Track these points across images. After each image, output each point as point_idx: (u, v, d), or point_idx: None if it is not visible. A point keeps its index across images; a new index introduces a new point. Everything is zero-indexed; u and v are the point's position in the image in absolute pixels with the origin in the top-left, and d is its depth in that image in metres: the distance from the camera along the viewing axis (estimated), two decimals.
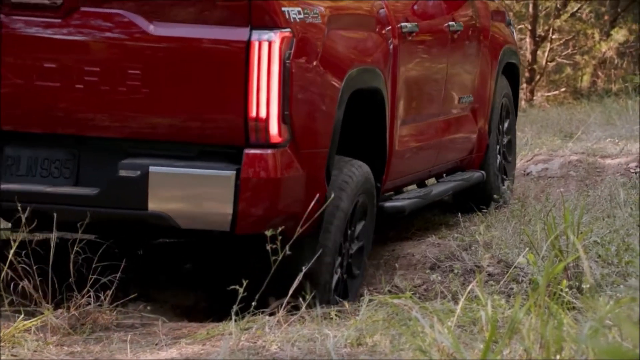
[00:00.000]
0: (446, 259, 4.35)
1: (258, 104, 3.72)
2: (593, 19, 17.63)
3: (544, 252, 3.70)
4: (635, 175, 5.82)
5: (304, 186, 3.87)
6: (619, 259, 3.66)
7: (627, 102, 11.29)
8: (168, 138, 3.80)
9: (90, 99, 3.82)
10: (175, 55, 3.77)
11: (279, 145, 3.75)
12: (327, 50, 3.99)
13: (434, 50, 5.11)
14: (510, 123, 6.15)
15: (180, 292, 4.31)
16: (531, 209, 5.06)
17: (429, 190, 5.12)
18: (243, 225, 3.74)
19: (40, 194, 3.80)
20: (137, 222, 3.81)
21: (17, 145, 3.89)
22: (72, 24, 3.84)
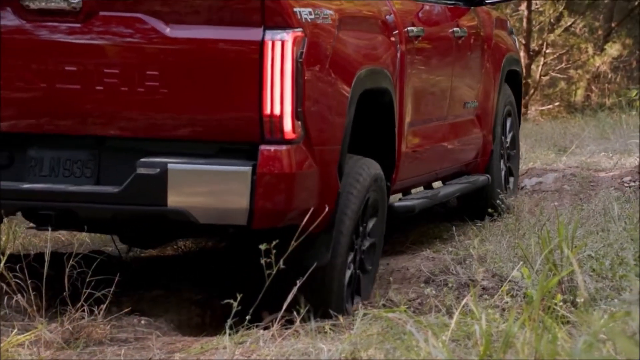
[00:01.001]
0: (440, 272, 4.34)
1: (272, 101, 3.84)
2: (587, 33, 17.69)
3: (538, 266, 3.70)
4: (629, 189, 5.83)
5: (317, 182, 3.99)
6: (613, 273, 3.66)
7: (621, 116, 11.31)
8: (186, 137, 3.93)
9: (110, 100, 3.95)
10: (191, 56, 3.90)
11: (293, 142, 3.87)
12: (338, 50, 4.13)
13: (440, 55, 5.27)
14: (514, 132, 6.31)
15: (174, 306, 4.30)
16: (525, 223, 5.07)
17: (437, 192, 5.30)
18: (259, 220, 3.83)
19: (63, 193, 3.90)
20: (157, 218, 3.90)
21: (39, 147, 4.01)
22: (91, 29, 3.96)
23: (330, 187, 4.08)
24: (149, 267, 5.04)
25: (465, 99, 5.64)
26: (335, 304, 4.14)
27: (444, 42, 5.32)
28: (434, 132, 5.27)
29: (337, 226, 4.10)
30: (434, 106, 5.24)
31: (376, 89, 4.44)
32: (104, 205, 3.89)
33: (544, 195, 6.00)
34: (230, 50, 3.89)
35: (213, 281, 4.60)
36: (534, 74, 17.44)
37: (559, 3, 17.10)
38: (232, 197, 3.81)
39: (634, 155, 8.02)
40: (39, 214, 3.94)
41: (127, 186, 3.86)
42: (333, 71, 4.10)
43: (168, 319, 4.08)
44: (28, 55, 4.01)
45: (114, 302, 3.89)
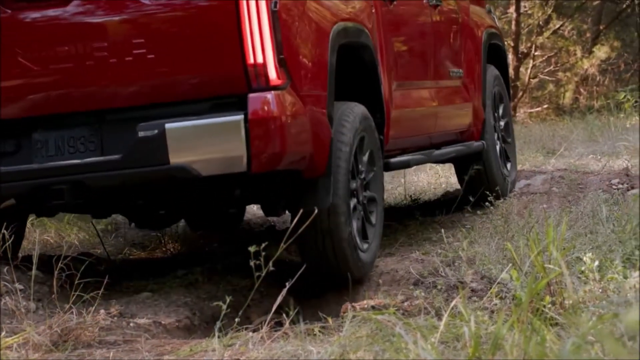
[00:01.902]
0: (430, 274, 4.35)
1: (254, 50, 4.06)
2: (575, 36, 17.74)
3: (527, 268, 3.71)
4: (617, 192, 5.85)
5: (308, 126, 4.22)
6: (601, 275, 3.67)
7: (609, 118, 11.35)
8: (179, 98, 4.12)
9: (103, 74, 4.14)
10: (172, 20, 4.12)
11: (280, 88, 4.09)
12: (313, 2, 4.38)
13: (415, 19, 5.52)
14: (505, 107, 6.52)
15: (163, 308, 4.29)
16: (514, 225, 5.08)
17: (432, 151, 5.53)
18: (258, 164, 4.04)
19: (72, 166, 4.12)
20: (161, 177, 4.08)
21: (43, 130, 4.20)
22: (75, 9, 4.17)
23: (323, 132, 4.31)
24: (138, 269, 5.03)
25: (449, 65, 5.82)
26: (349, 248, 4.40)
27: (418, 7, 5.55)
28: (421, 94, 5.46)
29: (334, 168, 4.32)
30: (417, 68, 5.46)
31: (355, 43, 4.67)
32: (111, 172, 4.07)
33: (533, 198, 6.02)
34: (208, 8, 4.07)
35: (202, 283, 4.59)
36: (522, 77, 17.47)
37: (548, 6, 17.14)
38: (229, 146, 4.01)
39: (622, 157, 8.05)
40: (52, 190, 4.11)
41: (130, 151, 4.05)
42: (310, 22, 4.32)
43: (157, 321, 4.07)
44: (19, 43, 4.17)
45: (103, 304, 3.88)
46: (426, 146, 5.69)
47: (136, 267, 5.08)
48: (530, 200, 5.98)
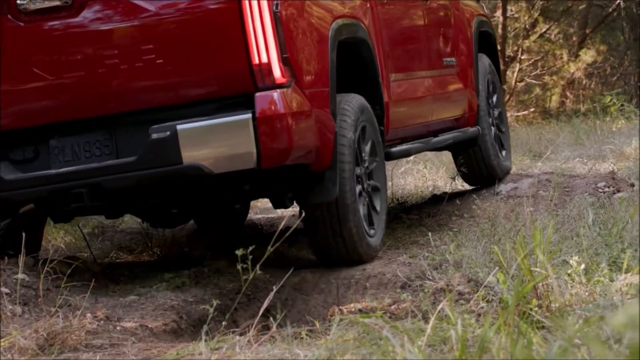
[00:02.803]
0: (417, 278, 4.35)
1: (259, 51, 4.26)
2: (561, 39, 17.80)
3: (513, 272, 3.72)
4: (603, 195, 5.86)
5: (313, 121, 4.41)
6: (587, 278, 3.68)
7: (596, 122, 11.38)
8: (188, 100, 4.31)
9: (114, 80, 4.33)
10: (178, 24, 4.29)
11: (284, 86, 4.28)
12: (311, 2, 4.56)
13: (408, 11, 5.70)
14: (498, 96, 6.73)
15: (150, 311, 4.28)
16: (501, 228, 5.09)
17: (430, 139, 5.73)
18: (267, 160, 4.22)
19: (89, 170, 4.31)
20: (175, 177, 4.26)
21: (60, 136, 4.40)
22: (85, 18, 4.36)
23: (327, 127, 4.51)
24: (125, 273, 5.02)
25: (442, 55, 6.02)
26: (357, 235, 4.62)
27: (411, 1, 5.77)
28: (417, 84, 5.67)
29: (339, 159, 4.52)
30: (412, 59, 5.66)
31: (353, 39, 4.85)
32: (127, 174, 4.25)
33: (520, 201, 6.03)
34: (212, 12, 4.27)
35: (189, 286, 4.58)
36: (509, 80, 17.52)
37: (534, 9, 17.19)
38: (239, 144, 4.19)
39: (608, 161, 8.07)
40: (71, 193, 4.28)
41: (144, 152, 4.23)
42: (310, 21, 4.50)
43: (144, 324, 4.06)
44: (34, 54, 4.36)
45: (89, 308, 3.87)
46: (424, 134, 5.92)
47: (123, 271, 5.07)
48: (517, 203, 5.99)
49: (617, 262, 3.90)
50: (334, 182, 4.54)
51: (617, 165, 7.66)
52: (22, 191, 4.35)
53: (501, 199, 6.12)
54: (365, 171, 4.82)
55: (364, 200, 4.78)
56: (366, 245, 4.72)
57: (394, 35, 5.38)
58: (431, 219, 6.01)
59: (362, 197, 4.76)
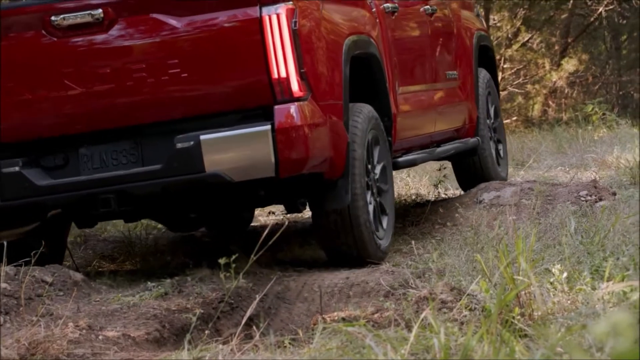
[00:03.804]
0: (400, 286, 4.35)
1: (278, 66, 4.56)
2: (544, 48, 17.88)
3: (496, 280, 3.73)
4: (585, 204, 5.89)
5: (328, 132, 4.71)
6: (570, 286, 3.69)
7: (578, 131, 11.43)
8: (210, 111, 4.59)
9: (141, 92, 4.62)
10: (202, 41, 4.58)
11: (302, 99, 4.59)
12: (326, 21, 4.88)
13: (415, 28, 6.07)
14: (496, 108, 7.11)
15: (133, 320, 4.27)
16: (484, 237, 5.10)
17: (434, 149, 6.08)
18: (285, 169, 4.53)
19: (118, 177, 4.60)
20: (197, 184, 4.55)
21: (89, 145, 4.69)
22: (114, 34, 4.65)
23: (341, 138, 4.81)
24: (107, 282, 5.00)
25: (445, 68, 6.35)
26: (368, 237, 4.91)
27: (416, 16, 6.09)
28: (422, 97, 6.00)
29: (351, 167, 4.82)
30: (418, 72, 6.00)
31: (364, 54, 5.17)
32: (153, 181, 4.54)
33: (502, 209, 6.05)
34: (234, 29, 4.56)
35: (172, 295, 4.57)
36: None
37: (517, 19, 17.27)
38: (258, 154, 4.48)
39: (590, 169, 8.10)
40: (100, 199, 4.57)
41: (168, 161, 4.52)
42: (325, 38, 4.81)
43: (126, 333, 4.04)
44: (65, 67, 4.65)
45: (71, 317, 3.85)
46: (427, 144, 6.21)
47: (105, 280, 5.05)
48: (500, 211, 6.00)
49: (599, 271, 3.92)
50: (346, 190, 4.82)
51: (599, 173, 7.69)
52: (54, 196, 4.61)
53: (484, 207, 6.14)
54: (374, 177, 5.10)
55: (374, 204, 5.04)
56: (376, 246, 5.01)
57: (401, 49, 5.68)
58: (414, 228, 6.02)
59: (372, 201, 5.02)
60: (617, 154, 8.24)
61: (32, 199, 4.63)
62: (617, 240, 4.49)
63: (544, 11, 17.69)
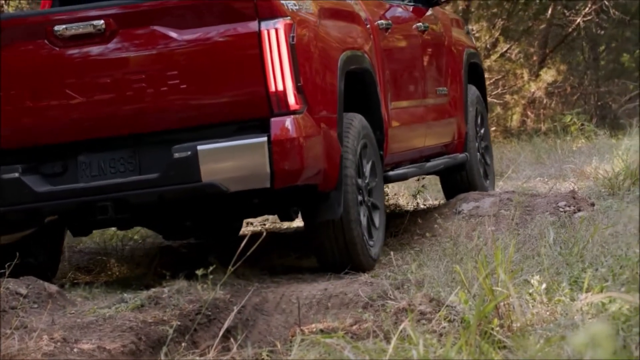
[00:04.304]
0: (379, 297, 4.35)
1: (275, 80, 4.68)
2: (522, 59, 17.96)
3: (475, 291, 3.73)
4: (564, 214, 5.91)
5: (322, 145, 4.85)
6: (549, 297, 3.70)
7: (556, 141, 11.48)
8: (208, 122, 4.72)
9: (140, 102, 4.74)
10: (201, 53, 4.72)
11: (298, 112, 4.72)
12: (322, 36, 5.03)
13: (407, 44, 6.24)
14: (485, 128, 7.28)
15: (108, 333, 4.24)
16: (463, 248, 5.11)
17: (424, 164, 6.25)
18: (280, 180, 4.66)
19: (115, 185, 4.72)
20: (194, 193, 4.67)
21: (87, 153, 4.81)
22: (116, 45, 4.76)
23: (334, 150, 4.95)
24: (82, 294, 4.97)
25: (436, 84, 6.51)
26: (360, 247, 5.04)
27: (409, 33, 6.27)
28: (413, 112, 6.16)
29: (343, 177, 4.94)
30: (409, 88, 6.15)
31: (359, 70, 5.33)
32: (150, 189, 4.65)
33: (481, 220, 6.06)
34: (233, 43, 4.70)
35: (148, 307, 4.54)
36: None
37: (495, 29, 17.35)
38: (254, 165, 4.61)
39: (568, 180, 8.14)
40: (97, 206, 4.68)
41: (166, 170, 4.63)
42: (321, 53, 4.97)
43: (101, 346, 4.02)
44: (66, 77, 4.76)
45: (46, 329, 3.83)
46: (417, 159, 6.35)
47: (80, 291, 5.02)
48: (479, 222, 6.02)
49: (578, 282, 3.93)
50: (339, 202, 4.95)
51: (577, 184, 7.73)
52: (52, 203, 4.71)
53: (463, 218, 6.15)
54: (366, 187, 5.22)
55: (365, 214, 5.18)
56: (368, 255, 5.14)
57: (393, 65, 5.84)
58: (393, 238, 6.03)
59: (363, 211, 5.16)
60: (596, 164, 8.28)
61: (30, 205, 4.72)
62: (596, 251, 4.51)
63: (522, 22, 17.79)
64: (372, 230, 5.30)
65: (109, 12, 4.77)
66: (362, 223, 5.13)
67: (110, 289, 5.08)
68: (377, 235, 5.34)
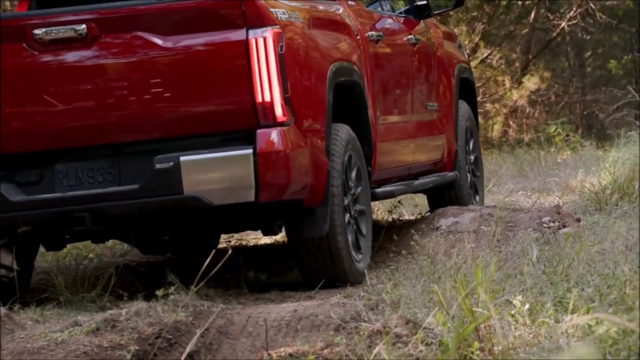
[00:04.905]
0: (352, 319, 4.36)
1: (262, 90, 4.77)
2: (504, 65, 18.08)
3: (454, 312, 3.74)
4: (548, 231, 5.95)
5: (309, 158, 4.95)
6: (532, 319, 3.72)
7: (540, 153, 11.56)
8: (191, 133, 4.82)
9: (122, 110, 4.80)
10: (187, 61, 4.80)
11: (285, 124, 4.82)
12: (312, 45, 5.13)
13: (398, 57, 6.34)
14: (475, 142, 7.37)
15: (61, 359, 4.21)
16: (441, 266, 5.12)
17: (412, 181, 6.36)
18: (265, 194, 4.74)
19: (94, 195, 4.76)
20: (175, 206, 4.76)
21: (65, 161, 4.87)
22: (97, 50, 4.83)
23: (322, 164, 5.04)
24: (33, 317, 4.94)
25: (426, 99, 6.61)
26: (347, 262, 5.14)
27: (400, 46, 6.39)
28: (402, 127, 6.28)
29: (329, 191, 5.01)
30: (399, 103, 6.25)
31: (348, 82, 5.42)
32: (130, 201, 4.71)
33: (461, 236, 6.09)
34: (220, 51, 4.79)
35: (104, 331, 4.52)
36: None
37: (475, 34, 17.46)
38: (239, 178, 4.69)
39: (553, 194, 8.20)
40: (74, 217, 4.72)
41: (147, 181, 4.71)
42: (310, 64, 5.05)
43: None
44: (45, 82, 4.81)
45: None
46: (405, 177, 6.43)
47: (31, 314, 4.98)
48: (458, 239, 6.04)
49: (563, 302, 3.95)
50: (325, 219, 5.03)
51: (562, 198, 7.78)
52: (27, 213, 4.77)
53: (441, 234, 6.17)
54: (352, 199, 5.34)
55: (352, 228, 5.30)
56: (355, 270, 5.24)
57: (383, 78, 5.94)
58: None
59: (350, 225, 5.27)
60: (582, 177, 8.34)
61: (4, 214, 4.75)
62: (582, 270, 4.54)
63: (503, 26, 17.91)
64: (359, 241, 5.39)
65: (91, 16, 4.83)
66: (349, 240, 5.21)
67: (63, 312, 5.05)
68: (364, 247, 5.44)
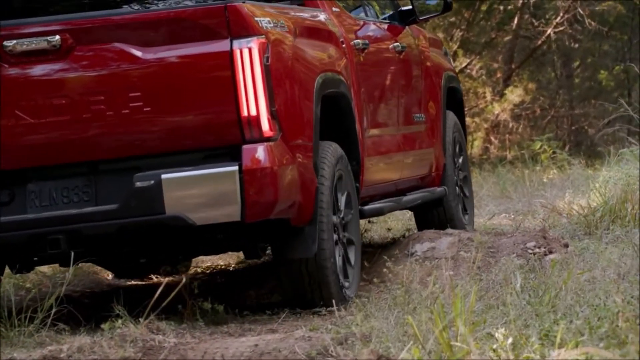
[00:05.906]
0: (318, 355, 4.38)
1: (248, 103, 4.87)
2: (484, 76, 18.19)
3: (430, 346, 3.77)
4: (533, 257, 5.99)
5: (297, 174, 5.07)
6: (516, 354, 3.75)
7: (524, 172, 11.64)
8: (173, 149, 4.91)
9: (99, 126, 4.89)
10: (168, 74, 4.90)
11: (272, 139, 4.94)
12: (298, 56, 5.24)
13: (385, 67, 6.48)
14: (464, 158, 7.54)
15: None
16: (416, 296, 5.15)
17: (401, 198, 6.52)
18: (252, 213, 4.85)
19: (69, 216, 4.84)
20: (157, 226, 4.84)
21: (38, 180, 4.94)
22: (72, 62, 4.91)
23: (310, 181, 5.17)
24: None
25: (413, 111, 6.78)
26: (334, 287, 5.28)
27: (386, 54, 6.52)
28: (389, 140, 6.43)
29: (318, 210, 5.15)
30: (386, 115, 6.39)
31: (335, 93, 5.56)
32: (108, 221, 4.80)
33: (438, 263, 6.12)
34: (203, 63, 4.89)
35: None
36: None
37: (453, 41, 17.57)
38: (224, 196, 4.79)
39: (538, 217, 8.26)
40: (48, 239, 4.80)
41: (126, 200, 4.80)
42: (297, 75, 5.16)
43: None
44: (17, 96, 4.89)
45: None
46: (392, 193, 6.56)
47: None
48: (435, 266, 6.07)
49: (550, 336, 3.99)
50: (313, 239, 5.17)
51: (548, 222, 7.84)
52: None
53: (416, 260, 6.21)
54: (341, 222, 5.47)
55: (340, 252, 5.44)
56: (342, 294, 5.38)
57: (369, 89, 6.09)
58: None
59: (338, 249, 5.42)
60: (569, 198, 8.42)
61: None
62: (570, 300, 4.58)
63: (484, 32, 18.04)
64: (347, 269, 5.53)
65: (66, 26, 4.89)
66: (337, 263, 5.35)
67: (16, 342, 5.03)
68: (352, 275, 5.57)
